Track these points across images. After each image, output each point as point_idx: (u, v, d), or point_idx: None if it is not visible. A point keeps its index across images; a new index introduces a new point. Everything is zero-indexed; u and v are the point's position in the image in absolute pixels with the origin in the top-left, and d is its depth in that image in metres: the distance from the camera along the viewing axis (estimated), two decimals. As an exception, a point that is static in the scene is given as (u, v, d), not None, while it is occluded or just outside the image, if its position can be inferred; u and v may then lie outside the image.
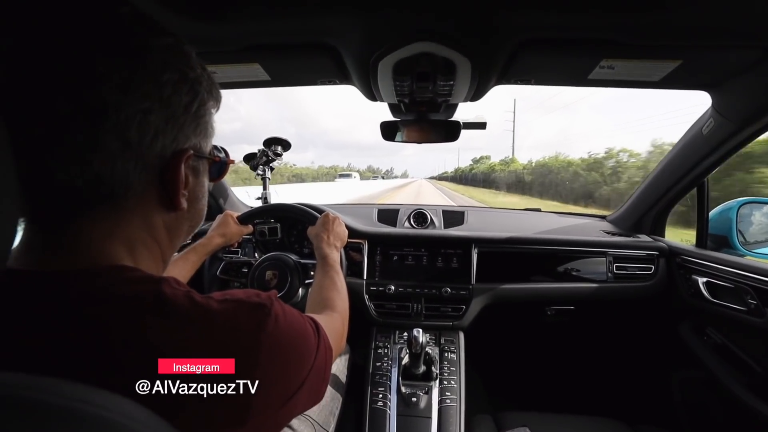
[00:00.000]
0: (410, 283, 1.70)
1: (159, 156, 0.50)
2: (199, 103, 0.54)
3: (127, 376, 0.41)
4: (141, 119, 0.46)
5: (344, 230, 1.40)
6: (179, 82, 0.50)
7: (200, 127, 0.56)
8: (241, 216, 1.51)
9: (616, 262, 1.73)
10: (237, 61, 1.17)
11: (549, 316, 1.82)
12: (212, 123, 0.59)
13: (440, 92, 1.27)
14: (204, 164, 0.60)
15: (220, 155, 0.66)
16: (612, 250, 1.74)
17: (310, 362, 0.57)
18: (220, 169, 0.68)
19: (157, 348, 0.42)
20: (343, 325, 0.90)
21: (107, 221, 0.49)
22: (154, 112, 0.48)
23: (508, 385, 2.19)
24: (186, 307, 0.46)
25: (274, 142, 1.79)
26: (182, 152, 0.52)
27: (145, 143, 0.48)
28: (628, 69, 1.13)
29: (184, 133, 0.52)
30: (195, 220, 0.62)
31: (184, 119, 0.52)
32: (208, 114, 0.57)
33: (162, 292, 0.46)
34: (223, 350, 0.46)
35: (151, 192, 0.51)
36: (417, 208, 1.97)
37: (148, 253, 0.54)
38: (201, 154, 0.57)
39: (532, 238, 1.75)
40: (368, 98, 1.40)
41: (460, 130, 1.54)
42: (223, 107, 0.61)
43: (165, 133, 0.49)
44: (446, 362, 1.55)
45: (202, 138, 0.57)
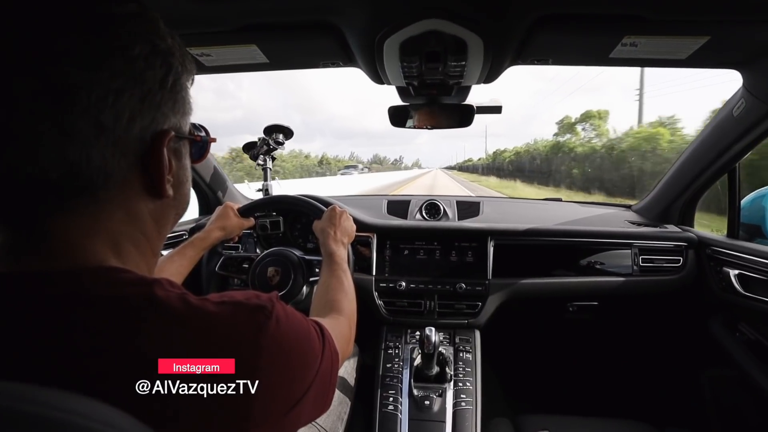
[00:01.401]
0: (422, 278, 1.71)
1: (138, 140, 0.49)
2: (174, 77, 0.52)
3: (116, 385, 0.41)
4: (114, 100, 0.45)
5: (352, 225, 1.41)
6: (151, 55, 0.49)
7: (178, 104, 0.54)
8: (241, 208, 1.53)
9: (642, 254, 1.74)
10: (233, 42, 1.17)
11: (571, 312, 1.83)
12: (189, 99, 0.58)
13: (451, 74, 1.27)
14: (185, 145, 0.60)
15: (201, 134, 0.65)
16: (637, 241, 1.75)
17: (314, 368, 0.57)
18: (201, 149, 0.68)
19: (149, 355, 0.42)
20: (351, 328, 0.91)
21: (87, 216, 0.48)
22: (128, 90, 0.46)
23: (527, 387, 2.20)
24: (181, 311, 0.46)
25: (275, 129, 1.81)
26: (163, 134, 0.51)
27: (121, 126, 0.47)
28: (652, 46, 1.13)
29: (162, 113, 0.51)
30: (181, 207, 0.62)
31: (161, 97, 0.51)
32: (184, 89, 0.56)
33: (154, 295, 0.46)
34: (222, 355, 0.46)
35: (132, 180, 0.50)
36: (429, 199, 1.99)
37: (135, 249, 0.53)
38: (181, 134, 0.56)
39: (553, 230, 1.76)
40: (374, 81, 1.41)
41: (473, 114, 1.55)
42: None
43: (142, 114, 0.48)
44: (461, 363, 1.57)
45: (180, 116, 0.56)
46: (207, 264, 1.53)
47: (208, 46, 1.18)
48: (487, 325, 1.69)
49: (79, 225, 0.47)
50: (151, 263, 0.57)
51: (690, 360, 1.87)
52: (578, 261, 1.75)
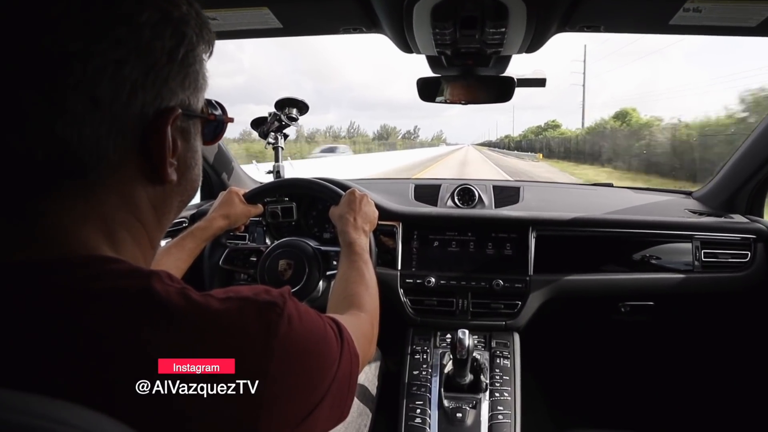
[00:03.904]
0: (454, 274, 1.71)
1: (139, 117, 0.49)
2: (187, 48, 0.52)
3: (106, 390, 0.41)
4: (113, 72, 0.45)
5: (374, 210, 1.41)
6: (160, 23, 0.49)
7: (189, 78, 0.54)
8: (248, 193, 1.52)
9: (704, 247, 1.73)
10: (242, 5, 1.15)
11: (623, 313, 1.83)
12: (204, 72, 0.58)
13: (490, 42, 1.26)
14: (196, 124, 0.60)
15: (216, 113, 0.65)
16: (699, 233, 1.73)
17: (331, 372, 0.57)
18: (216, 129, 0.68)
19: (145, 358, 0.42)
20: (373, 327, 0.92)
21: (78, 201, 0.48)
22: (130, 62, 0.46)
23: (573, 398, 2.20)
24: (181, 308, 0.46)
25: (288, 103, 1.80)
26: (168, 111, 0.52)
27: (120, 102, 0.47)
28: (718, 12, 1.10)
29: (169, 88, 0.52)
30: (187, 194, 0.62)
31: (169, 70, 0.51)
32: (199, 62, 0.56)
33: (152, 290, 0.45)
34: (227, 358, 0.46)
35: (130, 162, 0.51)
36: (462, 183, 1.98)
37: (132, 238, 0.54)
38: (191, 112, 0.56)
39: (603, 219, 1.75)
40: (401, 49, 1.40)
41: (514, 87, 1.53)
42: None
43: (145, 89, 0.48)
44: (498, 370, 1.56)
45: (191, 92, 0.56)
46: (209, 257, 1.53)
47: (213, 9, 1.17)
48: (527, 327, 1.69)
49: (70, 210, 0.48)
50: (148, 255, 0.58)
51: (763, 368, 1.83)
52: (631, 255, 1.74)
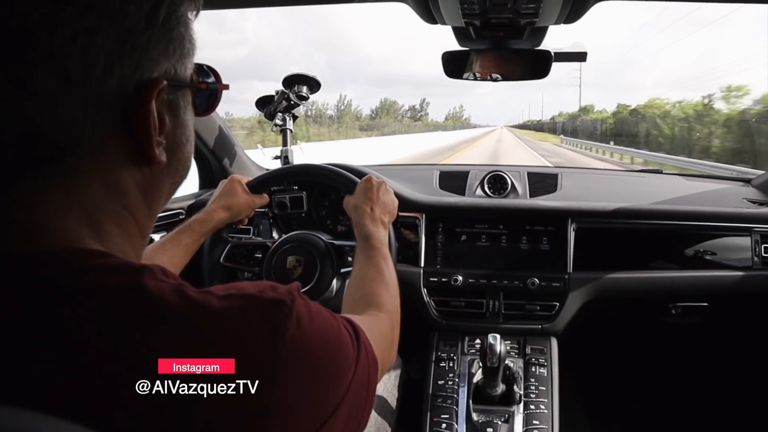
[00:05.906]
0: (484, 272, 1.69)
1: (117, 93, 0.48)
2: (168, 9, 0.51)
3: (90, 398, 0.40)
4: (84, 42, 0.44)
5: (393, 200, 1.40)
6: None
7: (173, 44, 0.53)
8: (253, 182, 1.50)
9: (764, 242, 1.70)
10: None
11: (673, 315, 1.80)
12: (191, 35, 0.57)
13: (523, 11, 1.25)
14: (185, 95, 0.59)
15: (208, 80, 0.64)
16: (760, 225, 1.71)
17: (346, 380, 0.57)
18: (209, 98, 0.67)
19: (139, 361, 0.42)
20: (393, 329, 0.91)
21: (57, 189, 0.48)
22: (103, 30, 0.45)
23: (617, 410, 2.19)
24: (176, 307, 0.46)
25: (297, 80, 1.80)
26: (151, 84, 0.50)
27: (95, 76, 0.46)
28: None
29: (150, 57, 0.50)
30: (179, 174, 0.62)
31: (148, 36, 0.49)
32: (183, 24, 0.54)
33: (144, 287, 0.45)
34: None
35: (112, 144, 0.50)
36: (493, 170, 1.96)
37: (119, 229, 0.53)
38: (178, 82, 0.55)
39: (650, 210, 1.73)
40: (425, 20, 1.39)
41: (551, 62, 1.52)
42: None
43: (122, 59, 0.47)
44: (533, 379, 1.55)
45: (177, 60, 0.54)
46: (209, 254, 1.51)
47: None
48: (566, 331, 1.68)
49: (47, 200, 0.47)
50: (138, 246, 0.58)
51: None
52: (683, 250, 1.73)
